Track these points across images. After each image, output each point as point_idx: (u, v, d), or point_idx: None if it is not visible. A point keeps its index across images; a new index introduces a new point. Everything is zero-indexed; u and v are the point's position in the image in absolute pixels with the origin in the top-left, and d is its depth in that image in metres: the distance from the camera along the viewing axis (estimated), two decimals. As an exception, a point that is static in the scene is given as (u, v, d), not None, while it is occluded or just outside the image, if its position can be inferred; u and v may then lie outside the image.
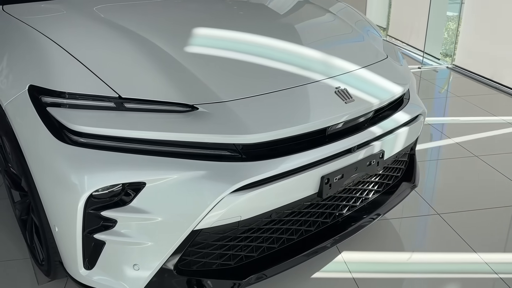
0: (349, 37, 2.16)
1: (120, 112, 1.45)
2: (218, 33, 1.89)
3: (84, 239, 1.44)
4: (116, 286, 1.50)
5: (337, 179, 1.63)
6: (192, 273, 1.52)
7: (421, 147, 3.15)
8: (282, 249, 1.68)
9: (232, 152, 1.45)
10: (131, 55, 1.59)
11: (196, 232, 1.44)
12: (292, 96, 1.60)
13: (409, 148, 2.12)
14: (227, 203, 1.40)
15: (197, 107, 1.47)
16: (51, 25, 1.76)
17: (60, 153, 1.40)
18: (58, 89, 1.46)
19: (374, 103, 1.72)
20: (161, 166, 1.38)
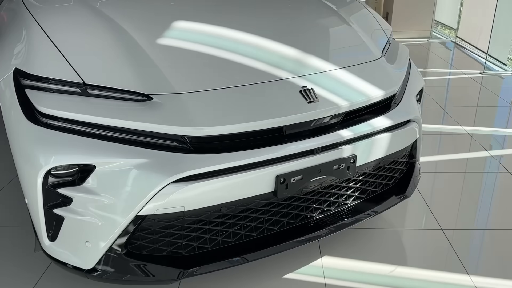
0: (339, 35, 2.08)
1: (83, 98, 1.54)
2: (197, 27, 1.92)
3: (46, 212, 1.56)
4: (72, 259, 1.60)
5: (296, 180, 1.60)
6: (141, 257, 1.58)
7: (455, 157, 2.97)
8: (239, 245, 1.68)
9: (180, 144, 1.48)
10: (106, 46, 1.68)
11: (140, 217, 1.49)
12: (251, 93, 1.59)
13: (403, 156, 2.01)
14: (168, 192, 1.44)
15: (152, 97, 1.52)
16: (47, 13, 1.90)
17: (27, 131, 1.53)
18: (35, 73, 1.59)
19: (343, 106, 1.65)
20: (110, 151, 1.46)
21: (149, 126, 1.47)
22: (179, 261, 1.61)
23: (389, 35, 2.20)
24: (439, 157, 3.04)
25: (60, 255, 1.63)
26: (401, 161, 2.04)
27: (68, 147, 1.47)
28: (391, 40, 2.24)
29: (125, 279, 1.57)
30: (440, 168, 2.88)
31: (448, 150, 3.12)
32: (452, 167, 2.88)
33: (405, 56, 2.13)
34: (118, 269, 1.57)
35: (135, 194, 1.45)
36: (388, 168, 1.98)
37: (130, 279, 1.57)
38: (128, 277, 1.56)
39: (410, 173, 2.10)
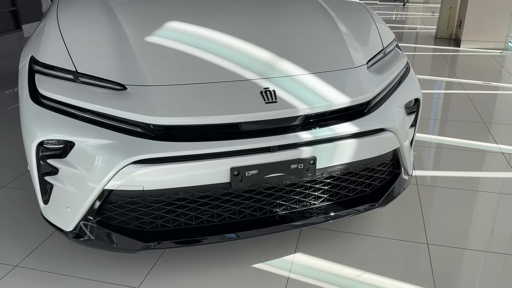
0: (322, 40, 2.13)
1: (74, 83, 1.80)
2: (184, 26, 2.09)
3: (40, 179, 1.84)
4: (58, 222, 1.87)
5: (251, 174, 1.72)
6: (110, 227, 1.81)
7: (477, 174, 2.87)
8: (199, 228, 1.84)
9: (144, 130, 1.68)
10: (101, 39, 1.93)
11: (107, 191, 1.71)
12: (215, 90, 1.74)
13: (380, 164, 2.03)
14: (129, 171, 1.64)
15: (126, 87, 1.73)
16: (67, 7, 2.21)
17: (30, 109, 1.82)
18: (43, 60, 1.89)
19: (302, 109, 1.74)
20: (86, 131, 1.70)
21: (119, 113, 1.68)
22: (143, 235, 1.80)
23: (386, 44, 2.21)
24: (461, 173, 2.93)
25: (50, 216, 1.90)
26: (379, 169, 2.06)
27: (55, 125, 1.73)
28: (391, 49, 2.24)
29: (93, 243, 1.80)
30: (455, 183, 2.79)
31: (473, 167, 3.00)
32: (469, 184, 2.77)
33: (398, 66, 2.14)
34: (90, 234, 1.81)
35: (102, 170, 1.67)
36: (362, 175, 2.01)
37: (98, 244, 1.80)
38: (95, 241, 1.79)
39: (391, 183, 2.11)
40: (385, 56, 2.17)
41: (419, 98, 2.19)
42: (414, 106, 2.20)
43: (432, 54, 6.31)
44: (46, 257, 2.14)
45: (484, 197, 2.65)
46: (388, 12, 10.37)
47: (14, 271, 2.05)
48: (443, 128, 3.70)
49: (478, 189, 2.72)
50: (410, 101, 2.14)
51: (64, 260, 2.10)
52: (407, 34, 7.90)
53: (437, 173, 2.93)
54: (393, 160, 2.10)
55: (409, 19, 9.71)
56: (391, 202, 2.14)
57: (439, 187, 2.74)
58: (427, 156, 3.20)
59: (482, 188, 2.73)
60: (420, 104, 2.21)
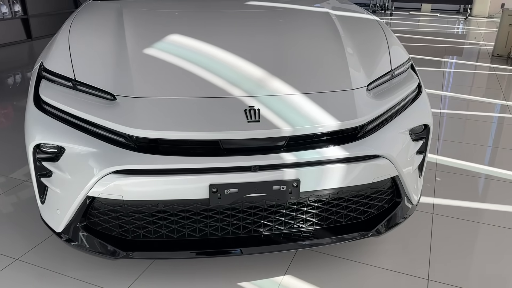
0: (322, 60, 2.07)
1: (72, 91, 1.87)
2: (184, 41, 2.10)
3: (37, 179, 1.92)
4: (51, 221, 1.95)
5: (230, 192, 1.70)
6: (95, 233, 1.85)
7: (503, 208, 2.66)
8: (179, 241, 1.84)
9: (127, 141, 1.71)
10: (103, 50, 2.00)
11: (90, 198, 1.76)
12: (199, 105, 1.74)
13: (375, 191, 1.93)
14: (109, 180, 1.68)
15: (116, 98, 1.77)
16: (80, 16, 2.30)
17: (30, 112, 1.91)
18: (48, 67, 1.97)
19: (285, 130, 1.69)
20: (75, 138, 1.75)
21: (105, 122, 1.72)
22: (124, 243, 1.83)
23: (396, 66, 2.09)
24: (490, 205, 2.72)
25: (45, 216, 1.98)
26: (375, 197, 1.96)
27: (49, 130, 1.81)
28: (401, 71, 2.12)
29: (77, 246, 1.86)
30: (477, 216, 2.59)
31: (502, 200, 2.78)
32: (494, 219, 2.56)
33: (406, 90, 2.02)
34: (75, 237, 1.86)
35: (85, 177, 1.72)
36: (354, 201, 1.92)
37: (82, 247, 1.85)
38: (80, 244, 1.85)
39: (389, 211, 2.00)
40: (393, 78, 2.06)
41: (428, 125, 2.06)
42: (423, 132, 2.07)
43: (486, 73, 5.94)
44: (47, 253, 2.22)
45: (506, 235, 2.44)
46: (449, 26, 9.91)
47: (14, 264, 2.16)
48: (487, 156, 3.46)
49: (501, 225, 2.51)
50: (417, 126, 2.02)
51: (62, 258, 2.18)
52: (461, 50, 7.51)
53: (462, 203, 2.74)
54: (392, 188, 1.99)
55: (471, 34, 9.23)
56: (389, 231, 2.03)
57: (457, 218, 2.56)
58: (458, 184, 2.98)
59: (507, 225, 2.52)
60: (430, 131, 2.08)
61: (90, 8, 2.56)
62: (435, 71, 5.88)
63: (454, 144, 3.61)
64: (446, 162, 3.27)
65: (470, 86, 5.36)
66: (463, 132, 3.91)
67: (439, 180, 3.01)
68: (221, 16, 2.47)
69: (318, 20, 2.40)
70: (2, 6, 7.18)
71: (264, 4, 2.78)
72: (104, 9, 2.50)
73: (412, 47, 7.36)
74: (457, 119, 4.21)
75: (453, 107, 4.50)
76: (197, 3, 2.70)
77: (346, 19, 2.44)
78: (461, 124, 4.10)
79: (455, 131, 3.89)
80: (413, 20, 10.60)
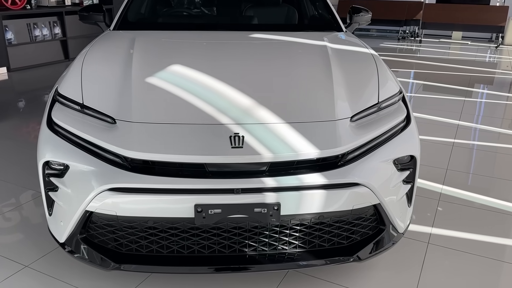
0: (310, 91, 2.19)
1: (79, 114, 2.06)
2: (185, 71, 2.28)
3: (45, 193, 2.11)
4: (55, 232, 2.12)
5: (214, 212, 1.82)
6: (92, 244, 2.01)
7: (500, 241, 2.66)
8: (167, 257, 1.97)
9: (122, 161, 1.87)
10: (111, 77, 2.19)
11: (88, 212, 1.92)
12: (189, 130, 1.89)
13: (357, 218, 2.01)
14: (104, 197, 1.84)
15: (116, 121, 1.95)
16: (97, 47, 2.52)
17: (43, 132, 2.11)
18: (62, 92, 2.19)
19: (266, 156, 1.81)
20: (78, 157, 1.93)
21: (104, 144, 1.90)
22: (117, 256, 1.98)
23: (384, 99, 2.18)
24: (484, 237, 2.72)
25: (51, 227, 2.16)
26: (358, 223, 2.03)
27: (57, 148, 2.00)
28: (390, 103, 2.20)
29: (77, 257, 2.02)
30: (472, 248, 2.60)
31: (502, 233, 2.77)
32: (486, 250, 2.57)
33: (391, 122, 2.10)
34: (75, 248, 2.03)
35: (85, 192, 1.89)
36: (336, 226, 2.00)
37: (79, 258, 2.01)
38: (78, 255, 2.01)
39: (372, 238, 2.07)
40: (380, 110, 2.15)
41: (415, 156, 2.13)
42: (410, 163, 2.14)
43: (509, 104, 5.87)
44: (55, 262, 2.40)
45: (498, 267, 2.44)
46: (479, 54, 9.81)
47: (23, 270, 2.34)
48: (496, 188, 3.44)
49: (495, 258, 2.51)
50: (403, 157, 2.09)
51: (69, 267, 2.34)
52: (492, 79, 7.42)
53: (460, 234, 2.75)
54: (375, 215, 2.06)
55: (502, 63, 9.10)
56: (372, 257, 2.09)
57: (452, 249, 2.58)
58: (459, 214, 2.99)
59: (503, 258, 2.51)
60: (416, 162, 2.15)
61: (107, 38, 2.79)
62: (456, 100, 5.86)
63: (462, 174, 3.61)
64: (451, 192, 3.28)
65: (489, 117, 5.31)
66: (475, 163, 3.90)
67: (440, 210, 3.03)
68: (223, 47, 2.65)
69: (313, 52, 2.54)
70: (43, 29, 7.69)
71: (267, 37, 2.95)
72: (119, 39, 2.73)
73: (439, 75, 7.35)
74: (470, 149, 4.20)
75: (466, 137, 4.48)
76: (205, 35, 2.90)
77: (341, 52, 2.56)
78: (473, 155, 4.08)
79: (467, 162, 3.88)
80: (443, 48, 10.55)
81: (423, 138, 4.33)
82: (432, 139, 4.35)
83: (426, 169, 3.60)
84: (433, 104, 5.70)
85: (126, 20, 3.17)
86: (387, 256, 2.45)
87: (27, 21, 7.44)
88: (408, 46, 10.75)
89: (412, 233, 2.71)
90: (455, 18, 10.85)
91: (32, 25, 7.52)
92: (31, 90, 6.30)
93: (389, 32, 12.56)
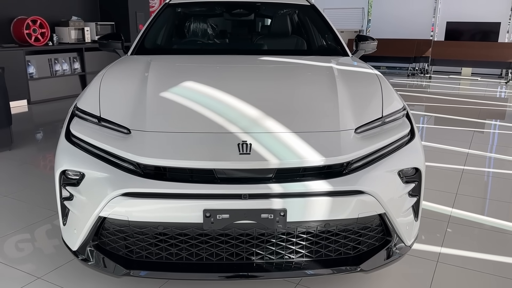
0: (316, 103, 2.28)
1: (95, 126, 2.17)
2: (196, 86, 2.40)
3: (61, 202, 2.19)
4: (69, 241, 2.18)
5: (222, 217, 1.88)
6: (104, 251, 2.06)
7: None
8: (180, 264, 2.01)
9: (136, 168, 1.96)
10: (126, 93, 2.31)
11: (101, 218, 1.99)
12: (199, 139, 1.98)
13: (363, 227, 2.04)
14: (117, 202, 1.91)
15: (131, 131, 2.05)
16: (113, 67, 2.68)
17: (61, 144, 2.22)
18: (81, 107, 2.31)
19: (273, 163, 1.88)
20: (93, 165, 2.02)
21: (118, 151, 1.99)
22: (128, 262, 2.03)
23: (387, 114, 2.25)
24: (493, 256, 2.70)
25: (65, 236, 2.23)
26: (364, 233, 2.06)
27: (75, 158, 2.09)
28: (393, 118, 2.27)
29: (89, 264, 2.07)
30: (482, 267, 2.58)
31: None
32: (496, 268, 2.55)
33: (396, 135, 2.16)
34: (87, 255, 2.08)
35: (98, 198, 1.96)
36: (343, 236, 2.03)
37: (92, 265, 2.06)
38: (91, 263, 2.06)
39: (379, 249, 2.09)
40: (384, 124, 2.22)
41: (419, 168, 2.17)
42: (415, 176, 2.19)
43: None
44: (67, 274, 2.45)
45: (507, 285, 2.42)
46: (489, 89, 9.87)
47: (35, 282, 2.39)
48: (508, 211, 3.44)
49: (508, 276, 2.49)
50: (407, 169, 2.14)
51: (80, 280, 2.38)
52: (495, 112, 7.46)
53: (469, 254, 2.73)
54: (381, 226, 2.09)
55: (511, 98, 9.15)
56: (377, 269, 2.10)
57: (461, 267, 2.56)
58: (469, 236, 2.98)
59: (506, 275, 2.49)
60: (421, 175, 2.19)
61: (124, 60, 2.96)
62: (466, 131, 5.89)
63: (472, 198, 3.61)
64: (461, 215, 3.28)
65: (501, 146, 5.33)
66: (484, 188, 3.90)
67: (450, 231, 3.02)
68: (234, 69, 2.78)
69: (319, 71, 2.65)
70: (63, 64, 8.02)
71: (276, 59, 3.08)
72: (136, 62, 2.89)
73: (449, 108, 7.42)
74: (479, 175, 4.21)
75: (476, 165, 4.49)
76: (217, 59, 3.05)
77: (346, 71, 2.67)
78: (483, 181, 4.09)
79: (477, 187, 3.88)
80: (453, 83, 10.66)
81: (433, 165, 4.35)
82: (442, 166, 4.37)
83: (436, 193, 3.62)
84: (443, 134, 5.75)
85: (143, 47, 3.35)
86: (396, 272, 2.45)
87: (48, 57, 7.77)
88: (418, 82, 10.89)
89: (421, 252, 2.71)
90: (464, 54, 11.00)
91: (53, 61, 7.85)
92: (49, 122, 6.50)
93: (398, 69, 12.76)
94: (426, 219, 3.14)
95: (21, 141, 5.16)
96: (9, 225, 3.03)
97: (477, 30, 11.73)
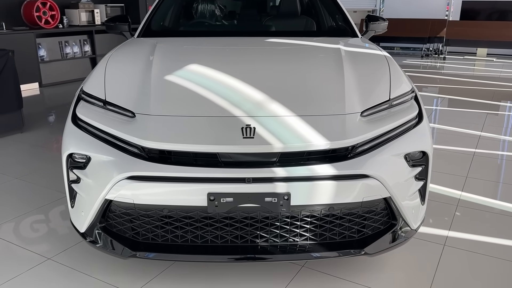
0: (321, 86, 2.25)
1: (101, 109, 2.18)
2: (201, 69, 2.39)
3: (69, 185, 2.22)
4: (77, 223, 2.22)
5: (226, 201, 1.88)
6: (111, 233, 2.09)
7: None
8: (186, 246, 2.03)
9: (140, 151, 1.96)
10: (131, 75, 2.31)
11: (107, 201, 2.01)
12: (203, 122, 1.98)
13: (368, 211, 2.03)
14: (122, 185, 1.93)
15: (135, 114, 2.05)
16: (119, 50, 2.66)
17: (67, 127, 2.23)
18: (87, 90, 2.32)
19: (276, 147, 1.87)
20: (99, 148, 2.04)
21: (124, 135, 2.00)
22: (134, 244, 2.06)
23: (395, 96, 2.22)
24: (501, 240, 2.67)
25: (73, 219, 2.26)
26: (369, 217, 2.05)
27: (80, 141, 2.11)
28: (401, 101, 2.23)
29: (97, 246, 2.10)
30: (489, 250, 2.56)
31: None
32: (504, 252, 2.53)
33: (403, 118, 2.13)
34: (95, 237, 2.11)
35: (105, 181, 1.98)
36: (347, 219, 2.03)
37: (99, 247, 2.09)
38: (99, 245, 2.09)
39: (384, 232, 2.08)
40: (391, 107, 2.19)
41: (427, 152, 2.14)
42: (422, 159, 2.16)
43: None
44: (77, 255, 2.49)
45: None
46: (505, 70, 9.65)
47: (46, 262, 2.44)
48: None
49: None
50: (414, 152, 2.12)
51: (90, 260, 2.43)
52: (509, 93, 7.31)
53: (477, 237, 2.71)
54: (386, 210, 2.08)
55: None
56: (382, 252, 2.10)
57: (468, 251, 2.55)
58: (478, 219, 2.95)
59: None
60: (428, 158, 2.16)
61: (130, 43, 2.95)
62: (479, 113, 5.79)
63: (482, 182, 3.56)
64: (470, 198, 3.25)
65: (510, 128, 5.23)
66: (496, 172, 3.84)
67: (458, 215, 3.00)
68: (240, 51, 2.75)
69: (326, 53, 2.61)
70: (74, 47, 8.04)
71: (283, 41, 3.05)
72: (141, 45, 2.88)
73: (463, 90, 7.29)
74: (492, 158, 4.15)
75: (487, 148, 4.42)
76: (223, 41, 3.02)
77: (354, 53, 2.63)
78: (495, 164, 4.03)
79: (488, 171, 3.83)
80: (467, 64, 10.45)
81: (443, 147, 4.30)
82: (453, 149, 4.31)
83: (445, 176, 3.58)
84: (455, 116, 5.66)
85: (150, 29, 3.33)
86: (401, 255, 2.45)
87: (59, 39, 7.79)
88: (432, 63, 10.69)
89: (427, 235, 2.69)
90: (480, 34, 10.75)
91: (64, 43, 7.87)
92: (61, 104, 6.55)
93: (412, 50, 12.53)
94: (434, 202, 3.12)
95: (32, 124, 5.22)
96: (20, 207, 3.08)
97: (493, 10, 11.43)
